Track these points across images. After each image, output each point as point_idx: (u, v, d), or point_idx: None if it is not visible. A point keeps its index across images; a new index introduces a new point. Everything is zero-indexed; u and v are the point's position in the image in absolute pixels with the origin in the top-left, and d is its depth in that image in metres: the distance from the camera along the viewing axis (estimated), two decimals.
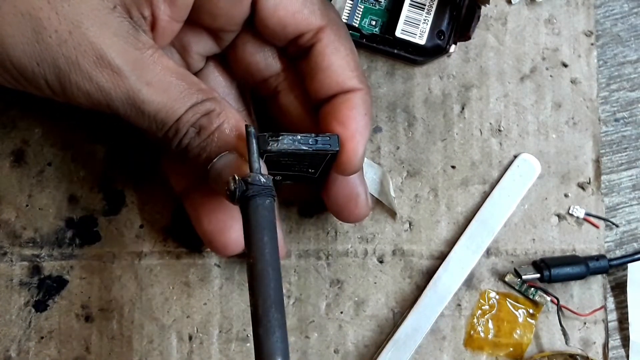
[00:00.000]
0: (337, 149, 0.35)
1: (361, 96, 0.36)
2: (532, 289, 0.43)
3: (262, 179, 0.32)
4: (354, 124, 0.36)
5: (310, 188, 0.40)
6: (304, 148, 0.34)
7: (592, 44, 0.45)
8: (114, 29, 0.32)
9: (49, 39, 0.31)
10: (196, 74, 0.38)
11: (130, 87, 0.32)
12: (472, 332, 0.43)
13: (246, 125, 0.33)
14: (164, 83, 0.33)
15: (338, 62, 0.36)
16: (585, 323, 0.43)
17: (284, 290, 0.42)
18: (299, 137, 0.34)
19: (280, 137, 0.34)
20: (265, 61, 0.38)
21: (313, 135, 0.34)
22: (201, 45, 0.37)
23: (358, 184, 0.39)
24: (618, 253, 0.45)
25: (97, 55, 0.31)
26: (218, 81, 0.39)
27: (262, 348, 0.30)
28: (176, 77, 0.33)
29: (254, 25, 0.36)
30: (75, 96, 0.32)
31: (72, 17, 0.31)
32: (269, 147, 0.34)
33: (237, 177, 0.32)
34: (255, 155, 0.33)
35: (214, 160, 0.34)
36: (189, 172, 0.39)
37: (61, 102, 0.33)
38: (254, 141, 0.33)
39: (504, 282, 0.43)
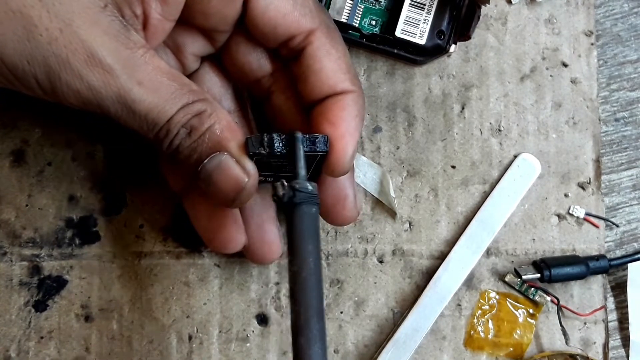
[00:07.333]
0: (326, 149, 0.35)
1: (353, 98, 0.36)
2: (532, 289, 0.43)
3: (309, 187, 0.32)
4: (344, 125, 0.35)
5: None
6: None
7: (592, 44, 0.45)
8: (105, 28, 0.32)
9: (40, 37, 0.31)
10: (192, 74, 0.38)
11: (121, 86, 0.32)
12: (472, 332, 0.43)
13: (293, 131, 0.33)
14: (155, 83, 0.32)
15: (330, 65, 0.36)
16: (585, 323, 0.43)
17: (284, 290, 0.42)
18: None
19: (268, 139, 0.33)
20: (258, 62, 0.38)
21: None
22: (195, 46, 0.37)
23: (347, 186, 0.39)
24: (618, 253, 0.45)
25: (88, 54, 0.31)
26: (214, 81, 0.39)
27: (303, 358, 0.30)
28: (167, 77, 0.33)
29: (245, 26, 0.36)
30: (65, 95, 0.32)
31: (63, 15, 0.31)
32: (257, 150, 0.33)
33: (285, 183, 0.32)
34: (302, 161, 0.33)
35: (205, 162, 0.34)
36: (186, 172, 0.39)
37: (52, 101, 0.33)
38: (301, 147, 0.33)
39: (504, 282, 0.43)
